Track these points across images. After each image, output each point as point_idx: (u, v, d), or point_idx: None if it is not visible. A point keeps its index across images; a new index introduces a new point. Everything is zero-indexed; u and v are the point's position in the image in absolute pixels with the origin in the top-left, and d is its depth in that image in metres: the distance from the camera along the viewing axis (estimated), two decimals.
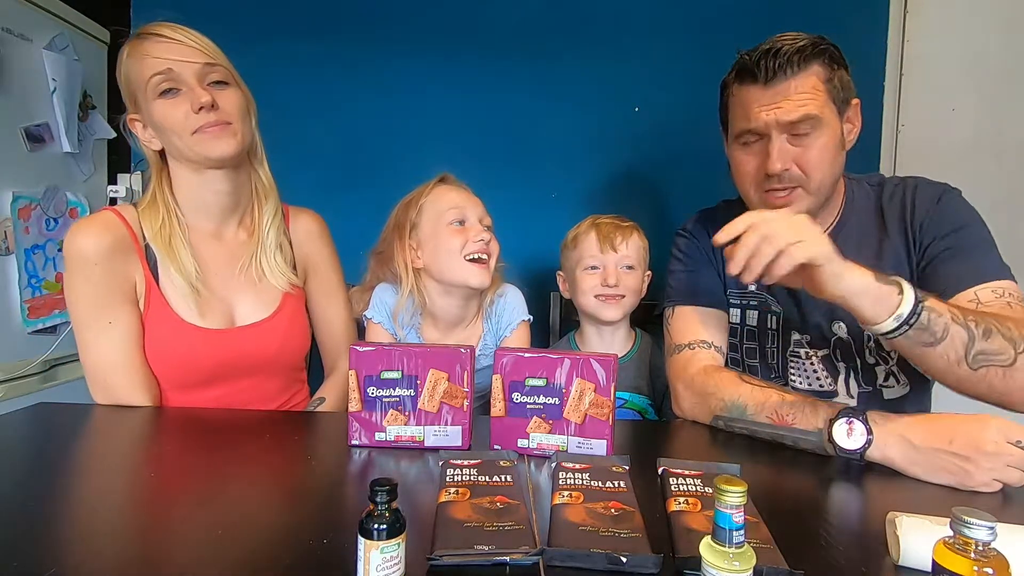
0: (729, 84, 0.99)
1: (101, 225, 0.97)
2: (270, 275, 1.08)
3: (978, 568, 0.42)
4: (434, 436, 0.80)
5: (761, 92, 0.92)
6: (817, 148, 0.92)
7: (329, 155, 1.75)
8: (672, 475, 0.67)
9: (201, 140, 0.95)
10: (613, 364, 0.76)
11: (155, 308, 0.99)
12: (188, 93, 0.94)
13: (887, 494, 0.71)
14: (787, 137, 0.92)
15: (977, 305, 0.85)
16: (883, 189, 1.01)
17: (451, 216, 1.14)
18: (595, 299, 1.25)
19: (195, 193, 1.03)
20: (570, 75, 1.73)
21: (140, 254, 0.99)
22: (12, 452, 0.82)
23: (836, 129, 0.94)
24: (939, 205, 0.95)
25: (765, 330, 1.07)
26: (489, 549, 0.52)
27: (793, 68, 0.90)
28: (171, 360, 1.00)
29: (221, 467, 0.77)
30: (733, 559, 0.44)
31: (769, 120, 0.91)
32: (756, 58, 0.91)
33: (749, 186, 0.99)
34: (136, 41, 0.96)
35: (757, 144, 0.95)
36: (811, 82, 0.91)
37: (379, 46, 1.75)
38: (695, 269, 1.09)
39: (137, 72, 0.95)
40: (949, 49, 1.65)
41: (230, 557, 0.54)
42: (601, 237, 1.25)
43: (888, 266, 0.95)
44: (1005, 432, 0.70)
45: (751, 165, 0.97)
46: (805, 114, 0.90)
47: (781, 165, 0.92)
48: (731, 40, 0.95)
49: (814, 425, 0.80)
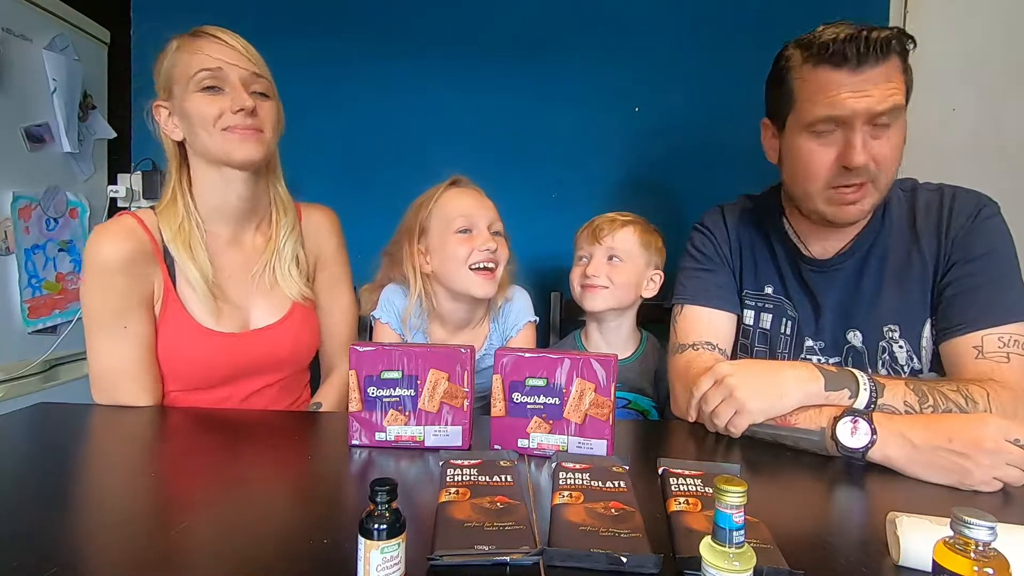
0: (793, 68, 0.91)
1: (123, 232, 0.98)
2: (284, 285, 1.10)
3: (978, 568, 0.42)
4: (434, 436, 0.80)
5: (848, 77, 0.84)
6: (894, 143, 0.87)
7: (333, 155, 1.75)
8: (672, 475, 0.67)
9: (229, 138, 0.97)
10: (613, 364, 0.76)
11: (172, 311, 1.00)
12: (231, 93, 0.96)
13: (887, 494, 0.71)
14: (868, 129, 0.86)
15: (978, 355, 0.86)
16: (916, 195, 0.98)
17: (458, 224, 1.13)
18: (579, 288, 1.26)
19: (214, 194, 1.04)
20: (571, 76, 1.73)
21: (160, 258, 1.01)
22: (12, 452, 0.82)
23: (905, 125, 0.89)
24: (975, 222, 0.92)
25: (778, 334, 1.05)
26: (489, 549, 0.52)
27: (881, 55, 0.84)
28: (185, 362, 1.02)
29: (221, 467, 0.77)
30: (733, 559, 0.44)
31: (859, 108, 0.84)
32: (842, 39, 0.84)
33: (816, 180, 0.91)
34: (190, 37, 0.98)
35: (835, 134, 0.88)
36: (895, 72, 0.85)
37: (382, 47, 1.74)
38: (710, 268, 1.08)
39: (184, 64, 0.97)
40: (949, 49, 1.64)
41: (230, 557, 0.54)
42: (591, 230, 1.26)
43: (915, 275, 0.95)
44: (1004, 431, 0.70)
45: (826, 156, 0.89)
46: (894, 104, 0.84)
47: (865, 159, 0.86)
48: (731, 40, 0.95)
49: (818, 424, 0.80)
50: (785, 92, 0.93)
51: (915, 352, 0.96)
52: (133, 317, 0.98)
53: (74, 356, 1.62)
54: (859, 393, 0.81)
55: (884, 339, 0.97)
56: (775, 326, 1.05)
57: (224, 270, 1.05)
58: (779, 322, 1.04)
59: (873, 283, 0.97)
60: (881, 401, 0.81)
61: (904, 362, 0.97)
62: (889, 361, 0.97)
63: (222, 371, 1.04)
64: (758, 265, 1.06)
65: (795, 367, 0.85)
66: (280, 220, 1.11)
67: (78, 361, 1.64)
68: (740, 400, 0.82)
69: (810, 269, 1.01)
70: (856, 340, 0.99)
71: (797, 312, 1.03)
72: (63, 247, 1.56)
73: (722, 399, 0.84)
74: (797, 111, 0.91)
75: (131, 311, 0.97)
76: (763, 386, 0.82)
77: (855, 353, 0.99)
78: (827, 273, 1.00)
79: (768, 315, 1.06)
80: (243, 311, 1.07)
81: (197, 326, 1.01)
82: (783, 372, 0.84)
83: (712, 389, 0.85)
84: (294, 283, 1.10)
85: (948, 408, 0.79)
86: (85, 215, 1.62)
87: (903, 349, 0.96)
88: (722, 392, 0.84)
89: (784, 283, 1.04)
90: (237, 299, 1.06)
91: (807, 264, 1.01)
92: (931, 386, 0.81)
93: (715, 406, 0.84)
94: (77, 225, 1.61)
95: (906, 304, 0.95)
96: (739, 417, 0.83)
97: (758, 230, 1.07)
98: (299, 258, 1.12)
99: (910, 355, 0.96)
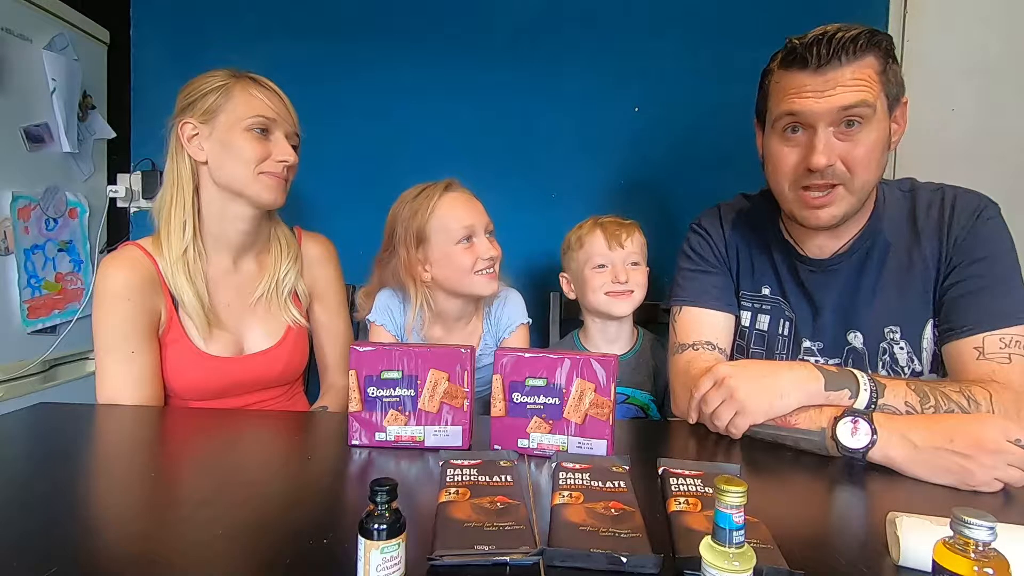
0: (772, 71, 0.93)
1: (129, 262, 1.05)
2: (280, 312, 1.17)
3: (978, 568, 0.42)
4: (434, 436, 0.80)
5: (810, 78, 0.85)
6: (866, 144, 0.86)
7: (329, 156, 1.75)
8: (672, 475, 0.67)
9: (263, 181, 1.06)
10: (613, 364, 0.76)
11: (174, 335, 1.07)
12: (277, 144, 1.07)
13: (887, 494, 0.71)
14: (834, 131, 0.86)
15: (980, 356, 0.86)
16: (916, 195, 0.97)
17: (460, 235, 1.15)
18: (605, 296, 1.26)
19: (219, 222, 1.10)
20: (570, 75, 1.73)
21: (164, 287, 1.07)
22: (12, 452, 0.82)
23: (885, 127, 0.88)
24: (977, 223, 0.91)
25: (776, 335, 1.04)
26: (489, 549, 0.52)
27: (848, 55, 0.83)
28: (184, 381, 1.08)
29: (221, 467, 0.77)
30: (733, 559, 0.44)
31: (818, 109, 0.85)
32: (807, 42, 0.85)
33: (784, 181, 0.92)
34: (249, 80, 1.07)
35: (800, 136, 0.89)
36: (867, 72, 0.84)
37: (379, 47, 1.74)
38: (706, 270, 1.07)
39: (240, 102, 1.05)
40: (949, 49, 1.64)
41: (230, 557, 0.54)
42: (608, 235, 1.26)
43: (916, 276, 0.94)
44: (1006, 431, 0.70)
45: (791, 157, 0.90)
46: (862, 99, 0.83)
47: (826, 160, 0.85)
48: (731, 40, 0.95)
49: (818, 424, 0.80)
50: (763, 94, 0.96)
51: (916, 354, 0.96)
52: (140, 343, 1.03)
53: (74, 356, 1.62)
54: (859, 393, 0.81)
55: (885, 340, 0.97)
56: (772, 327, 1.05)
57: (222, 296, 1.12)
58: (776, 323, 1.04)
59: (873, 284, 0.97)
60: (882, 401, 0.80)
61: (905, 363, 0.96)
62: (890, 362, 0.97)
63: (217, 389, 1.11)
64: (755, 266, 1.06)
65: (795, 367, 0.85)
66: (282, 253, 1.18)
67: (78, 361, 1.64)
68: (740, 401, 0.82)
69: (808, 269, 1.01)
70: (856, 341, 0.98)
71: (795, 313, 1.02)
72: (62, 247, 1.56)
73: (722, 400, 0.84)
74: (770, 112, 0.93)
75: (138, 337, 1.03)
76: (763, 387, 0.82)
77: (855, 354, 0.99)
78: (825, 273, 0.99)
79: (765, 316, 1.05)
80: (238, 336, 1.13)
81: (195, 350, 1.08)
82: (783, 373, 0.84)
83: (712, 390, 0.85)
84: (291, 312, 1.17)
85: (950, 408, 0.79)
86: (84, 215, 1.62)
87: (904, 351, 0.96)
88: (722, 393, 0.84)
89: (781, 284, 1.04)
90: (233, 325, 1.13)
91: (804, 264, 1.01)
92: (932, 386, 0.81)
93: (715, 407, 0.84)
94: (76, 225, 1.60)
95: (907, 305, 0.95)
96: (740, 418, 0.83)
97: (754, 230, 1.07)
98: (297, 291, 1.20)
99: (911, 356, 0.96)
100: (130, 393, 1.02)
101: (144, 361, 1.04)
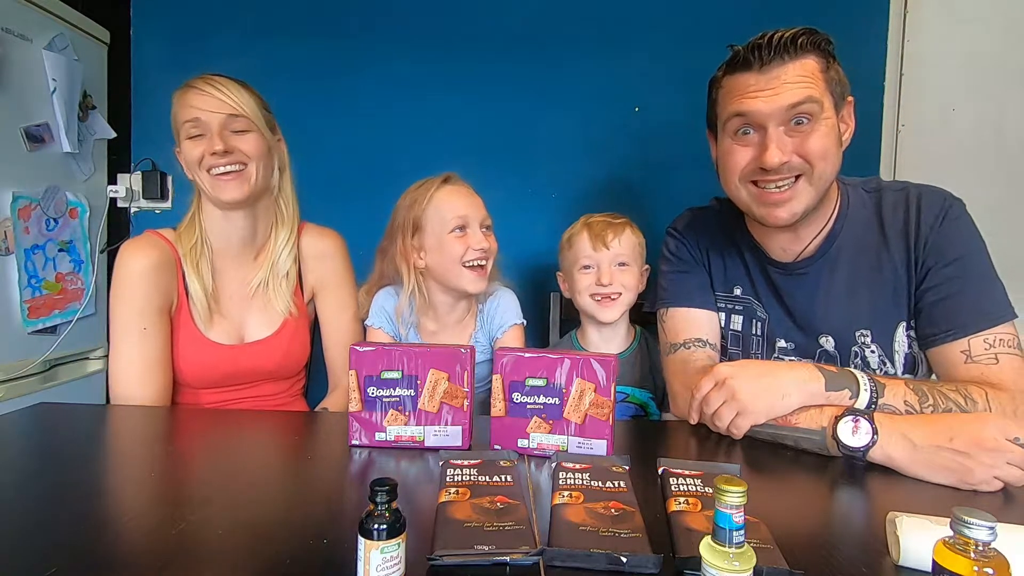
0: (718, 79, 0.95)
1: (148, 245, 1.11)
2: (275, 300, 1.19)
3: (978, 568, 0.42)
4: (434, 436, 0.80)
5: (756, 77, 0.87)
6: (818, 135, 0.87)
7: (329, 154, 1.75)
8: (672, 475, 0.67)
9: (216, 183, 1.08)
10: (613, 364, 0.76)
11: (183, 319, 1.12)
12: (209, 138, 1.07)
13: (887, 494, 0.71)
14: (784, 130, 0.88)
15: (967, 359, 0.86)
16: (882, 196, 0.97)
17: (454, 223, 1.16)
18: (591, 299, 1.25)
19: (218, 224, 1.15)
20: (570, 75, 1.73)
21: (179, 272, 1.13)
22: (12, 452, 0.82)
23: (834, 124, 0.89)
24: (945, 223, 0.91)
25: (750, 335, 1.05)
26: (489, 549, 0.52)
27: (790, 54, 0.86)
28: (188, 365, 1.12)
29: (221, 467, 0.77)
30: (733, 559, 0.44)
31: (765, 107, 0.86)
32: (750, 46, 0.88)
33: (735, 174, 0.93)
34: (183, 90, 1.09)
35: (752, 136, 0.90)
36: (809, 68, 0.87)
37: (379, 47, 1.75)
38: (686, 271, 1.09)
39: (175, 116, 1.10)
40: (949, 49, 1.64)
41: (230, 556, 0.54)
42: (593, 235, 1.25)
43: (886, 279, 0.94)
44: (1004, 429, 0.70)
45: (741, 156, 0.91)
46: (807, 95, 0.85)
47: (780, 157, 0.86)
48: (731, 40, 0.95)
49: (818, 424, 0.80)
50: (712, 103, 0.98)
51: (887, 356, 0.96)
52: (153, 321, 1.08)
53: (74, 356, 1.62)
54: (860, 393, 0.81)
55: (856, 344, 0.97)
56: (746, 327, 1.06)
57: (227, 286, 1.16)
58: (749, 323, 1.05)
59: (842, 287, 0.97)
60: (882, 401, 0.81)
61: (876, 366, 0.96)
62: (861, 366, 0.97)
63: (218, 376, 1.14)
64: (727, 267, 1.07)
65: (796, 368, 0.85)
66: (278, 234, 1.19)
67: (78, 361, 1.64)
68: (742, 401, 0.82)
69: (776, 271, 1.01)
70: (828, 345, 0.98)
71: (767, 313, 1.03)
72: (63, 247, 1.56)
73: (724, 401, 0.84)
74: (720, 117, 0.95)
75: (152, 314, 1.08)
76: (764, 387, 0.82)
77: (827, 357, 0.99)
78: (793, 277, 1.00)
79: (739, 316, 1.06)
80: (239, 325, 1.16)
81: (199, 335, 1.12)
82: (784, 373, 0.84)
83: (713, 391, 0.85)
84: (283, 298, 1.18)
85: (948, 408, 0.79)
86: (85, 215, 1.62)
87: (875, 354, 0.96)
88: (723, 394, 0.84)
89: (753, 285, 1.04)
90: (235, 314, 1.16)
91: (773, 267, 1.01)
92: (931, 386, 0.81)
93: (717, 408, 0.84)
94: (77, 225, 1.60)
95: (877, 308, 0.95)
96: (741, 418, 0.83)
97: (725, 233, 1.08)
98: (290, 273, 1.20)
99: (882, 359, 0.96)
100: (140, 374, 1.06)
101: (155, 342, 1.07)
